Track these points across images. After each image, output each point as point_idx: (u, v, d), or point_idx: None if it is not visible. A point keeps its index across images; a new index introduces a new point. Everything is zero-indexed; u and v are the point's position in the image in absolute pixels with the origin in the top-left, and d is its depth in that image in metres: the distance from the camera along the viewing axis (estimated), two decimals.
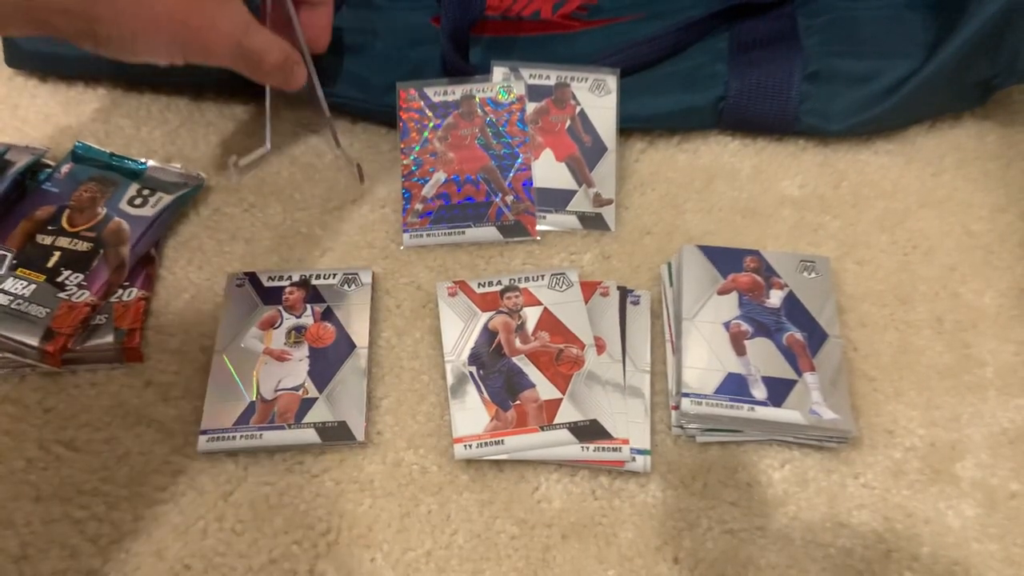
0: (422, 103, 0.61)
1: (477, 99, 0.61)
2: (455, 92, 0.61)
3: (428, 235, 0.59)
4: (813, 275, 0.55)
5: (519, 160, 0.60)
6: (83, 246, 0.55)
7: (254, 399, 0.51)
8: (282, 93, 0.59)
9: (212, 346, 0.54)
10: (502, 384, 0.52)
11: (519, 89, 0.62)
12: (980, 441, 0.52)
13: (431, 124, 0.61)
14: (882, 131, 0.65)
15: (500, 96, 0.61)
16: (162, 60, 0.50)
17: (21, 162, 0.59)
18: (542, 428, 0.50)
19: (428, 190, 0.59)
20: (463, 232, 0.59)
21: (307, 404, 0.51)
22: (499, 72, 0.62)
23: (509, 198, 0.59)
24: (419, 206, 0.59)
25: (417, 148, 0.60)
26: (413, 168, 0.60)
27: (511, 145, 0.60)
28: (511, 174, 0.60)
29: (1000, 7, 0.58)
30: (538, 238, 0.59)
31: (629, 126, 0.63)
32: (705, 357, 0.52)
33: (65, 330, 0.51)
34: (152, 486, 0.50)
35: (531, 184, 0.60)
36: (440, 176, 0.60)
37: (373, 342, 0.55)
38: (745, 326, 0.53)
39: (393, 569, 0.47)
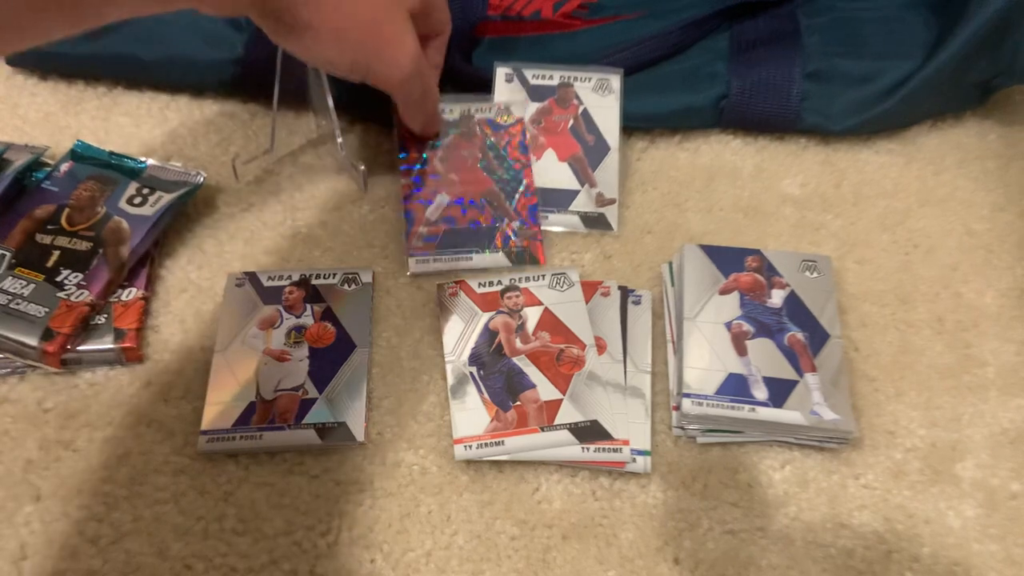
0: None
1: (476, 119, 0.61)
2: (453, 110, 0.61)
3: (435, 260, 0.58)
4: (815, 274, 0.55)
5: (523, 184, 0.59)
6: (82, 245, 0.55)
7: (254, 399, 0.51)
8: (289, 97, 0.59)
9: (212, 346, 0.54)
10: (502, 384, 0.52)
11: (518, 112, 0.61)
12: (981, 441, 0.52)
13: (430, 144, 0.60)
14: (883, 130, 0.65)
15: (500, 119, 0.61)
16: (340, 66, 0.49)
17: (20, 161, 0.59)
18: (542, 429, 0.50)
19: (432, 213, 0.58)
20: (470, 258, 0.58)
21: (307, 404, 0.51)
22: (501, 73, 0.62)
23: (515, 224, 0.58)
24: (423, 229, 0.58)
25: (417, 167, 0.59)
26: (415, 189, 0.59)
27: (514, 169, 0.59)
28: (516, 199, 0.59)
29: (1000, 7, 0.58)
30: (546, 266, 0.58)
31: (630, 125, 0.63)
32: (706, 357, 0.52)
33: (64, 330, 0.51)
34: (152, 486, 0.49)
35: (536, 210, 0.59)
36: (444, 199, 0.59)
37: (373, 342, 0.55)
38: (747, 326, 0.53)
39: (393, 570, 0.47)
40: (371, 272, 0.57)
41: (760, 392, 0.51)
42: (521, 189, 0.59)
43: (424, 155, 0.60)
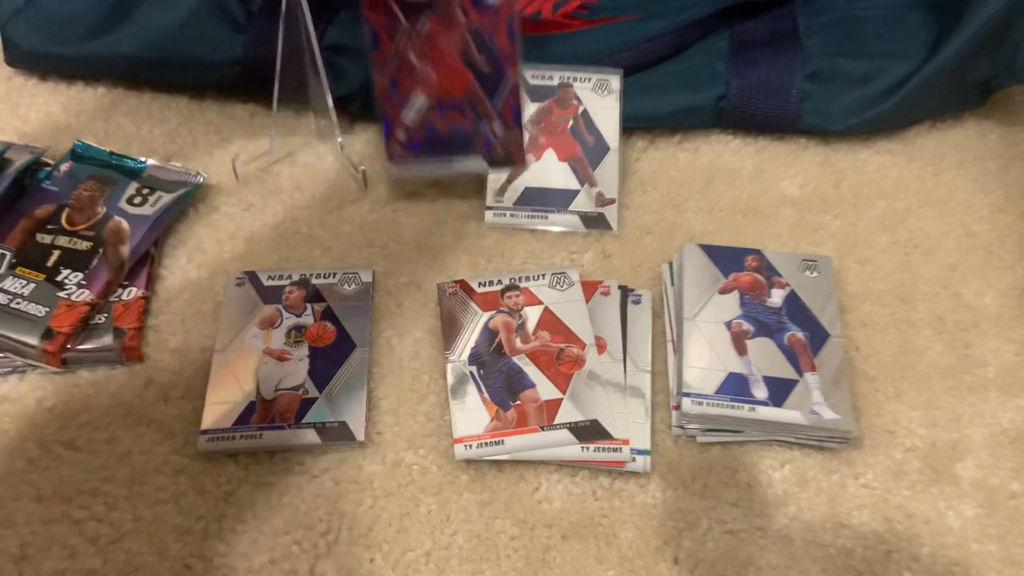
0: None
1: None
2: None
3: (416, 166, 0.57)
4: (815, 274, 0.55)
5: (507, 81, 0.55)
6: (83, 245, 0.55)
7: (254, 399, 0.51)
8: (289, 97, 0.59)
9: (212, 346, 0.54)
10: (502, 384, 0.52)
11: None
12: (980, 441, 0.52)
13: (404, 30, 0.54)
14: (883, 130, 0.65)
15: None
16: None
17: (21, 161, 0.59)
18: (542, 428, 0.50)
19: (410, 116, 0.55)
20: (451, 164, 0.57)
21: (307, 404, 0.51)
22: None
23: (496, 127, 0.56)
24: (402, 134, 0.56)
25: (392, 62, 0.54)
26: (390, 88, 0.55)
27: (498, 60, 0.54)
28: (499, 98, 0.55)
29: (1000, 7, 0.58)
30: (526, 167, 0.58)
31: (630, 125, 0.63)
32: (706, 357, 0.52)
33: (64, 329, 0.51)
34: (152, 486, 0.49)
35: (520, 110, 0.56)
36: (422, 101, 0.55)
37: (373, 342, 0.55)
38: (746, 325, 0.53)
39: (393, 569, 0.47)
40: (371, 272, 0.57)
41: (760, 391, 0.51)
42: (505, 87, 0.55)
43: (397, 46, 0.54)
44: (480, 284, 0.56)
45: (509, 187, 0.59)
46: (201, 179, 0.60)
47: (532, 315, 0.54)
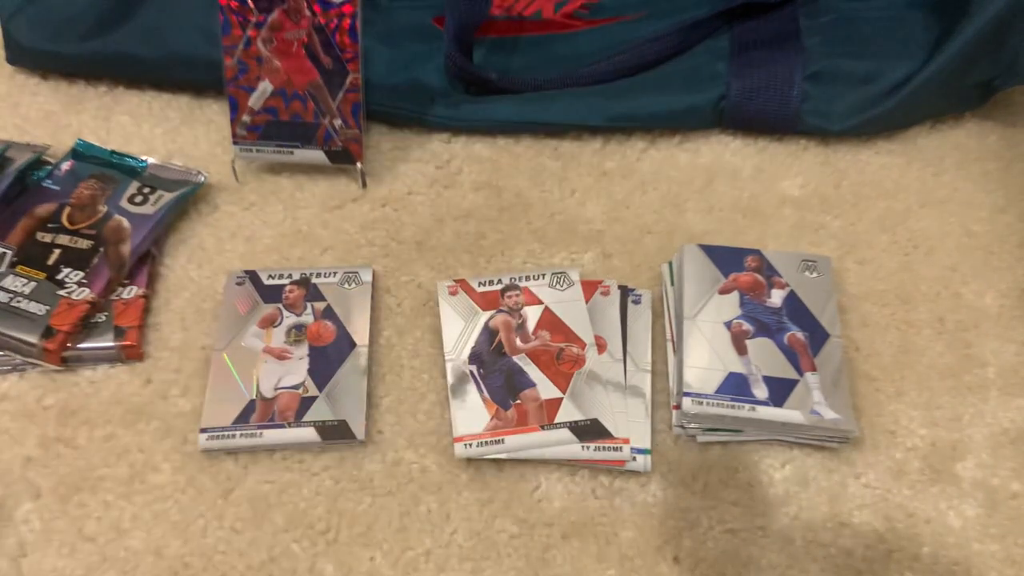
0: None
1: None
2: None
3: (257, 150, 0.59)
4: (814, 275, 0.55)
5: (348, 78, 0.57)
6: (83, 244, 0.55)
7: (254, 397, 0.51)
8: None
9: (212, 344, 0.54)
10: (502, 383, 0.52)
11: None
12: (981, 441, 0.52)
13: (254, 20, 0.56)
14: (883, 131, 0.65)
15: None
16: None
17: (22, 159, 0.59)
18: (542, 427, 0.50)
19: (255, 101, 0.57)
20: (291, 152, 0.59)
21: (307, 403, 0.51)
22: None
23: (337, 122, 0.58)
24: (247, 118, 0.58)
25: (240, 48, 0.57)
26: (238, 74, 0.57)
27: (341, 60, 0.57)
28: (340, 95, 0.57)
29: (1001, 8, 0.58)
30: (360, 165, 0.59)
31: (630, 125, 0.63)
32: (706, 356, 0.52)
33: (65, 328, 0.51)
34: (152, 484, 0.49)
35: (360, 109, 0.58)
36: (267, 87, 0.57)
37: (374, 340, 0.55)
38: (746, 325, 0.53)
39: (393, 568, 0.47)
40: (371, 271, 0.57)
41: (760, 391, 0.51)
42: (347, 84, 0.57)
43: (247, 34, 0.57)
44: (480, 284, 0.56)
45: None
46: (202, 178, 0.60)
47: (532, 315, 0.54)
